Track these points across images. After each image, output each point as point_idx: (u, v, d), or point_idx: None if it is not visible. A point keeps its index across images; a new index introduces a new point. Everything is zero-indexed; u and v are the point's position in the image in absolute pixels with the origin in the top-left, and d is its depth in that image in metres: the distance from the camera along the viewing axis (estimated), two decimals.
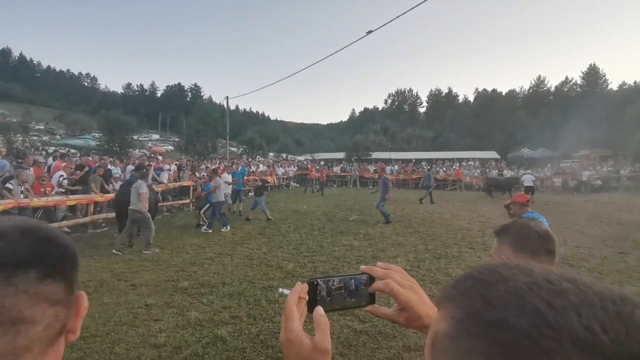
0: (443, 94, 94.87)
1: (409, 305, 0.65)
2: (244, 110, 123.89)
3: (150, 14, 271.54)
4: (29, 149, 22.19)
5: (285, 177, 24.38)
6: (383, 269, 0.69)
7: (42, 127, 49.81)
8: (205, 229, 9.46)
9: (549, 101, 69.96)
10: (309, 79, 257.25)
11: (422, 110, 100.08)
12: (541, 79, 77.22)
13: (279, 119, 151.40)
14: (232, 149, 40.53)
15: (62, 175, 9.79)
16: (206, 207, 10.08)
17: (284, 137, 53.16)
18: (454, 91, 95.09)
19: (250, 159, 30.34)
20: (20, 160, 11.16)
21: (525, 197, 4.43)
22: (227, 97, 30.64)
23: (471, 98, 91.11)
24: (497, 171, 25.99)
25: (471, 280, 0.38)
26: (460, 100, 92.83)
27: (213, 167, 13.40)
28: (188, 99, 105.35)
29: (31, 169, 9.44)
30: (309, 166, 27.37)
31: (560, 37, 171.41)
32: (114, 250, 7.28)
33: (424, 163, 32.10)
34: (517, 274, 0.35)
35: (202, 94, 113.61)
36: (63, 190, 9.42)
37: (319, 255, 7.23)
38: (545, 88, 76.19)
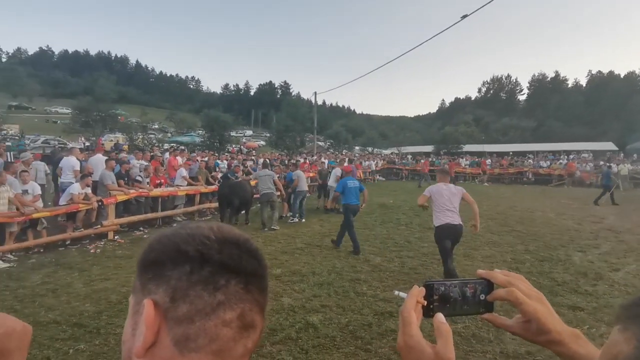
0: (548, 79, 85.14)
1: (536, 318, 0.59)
2: (330, 104, 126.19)
3: (246, 17, 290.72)
4: (147, 145, 25.52)
5: (369, 170, 24.25)
6: (503, 275, 0.63)
7: (156, 126, 56.81)
8: (292, 220, 10.00)
9: None
10: (396, 70, 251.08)
11: (521, 97, 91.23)
12: None
13: (364, 112, 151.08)
14: (319, 143, 41.62)
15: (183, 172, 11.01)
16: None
17: (370, 131, 52.86)
18: (562, 75, 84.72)
19: (336, 153, 30.84)
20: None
21: (350, 168, 8.91)
22: (315, 92, 31.62)
23: (583, 82, 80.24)
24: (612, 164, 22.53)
25: None
26: (569, 85, 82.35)
27: (294, 161, 14.23)
28: (278, 96, 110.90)
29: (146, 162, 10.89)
30: (422, 160, 26.41)
31: None
32: (265, 229, 8.92)
33: (530, 155, 29.14)
34: None
35: (291, 90, 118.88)
36: (186, 183, 10.60)
37: (406, 250, 7.11)
38: None
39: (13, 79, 67.71)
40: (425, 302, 0.60)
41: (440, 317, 0.57)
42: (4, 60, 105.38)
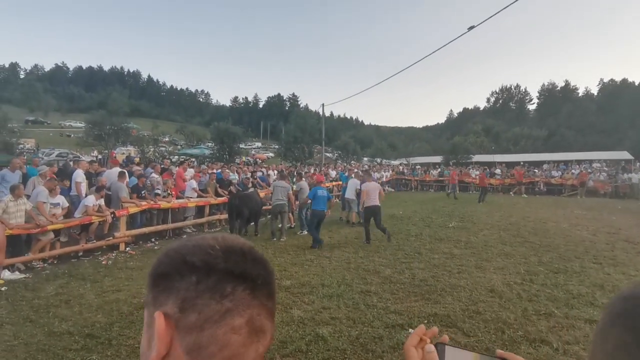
0: (558, 88, 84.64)
1: None
2: (339, 116, 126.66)
3: (254, 32, 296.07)
4: (158, 158, 25.83)
5: (378, 181, 24.15)
6: None
7: (167, 139, 57.51)
8: (301, 232, 9.99)
9: None
10: (404, 81, 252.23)
11: (531, 107, 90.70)
12: None
13: (372, 123, 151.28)
14: (327, 154, 41.72)
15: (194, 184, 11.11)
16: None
17: (378, 141, 52.82)
18: (572, 84, 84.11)
19: (345, 164, 30.84)
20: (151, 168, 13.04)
21: (322, 178, 12.90)
22: (323, 104, 31.83)
23: (594, 90, 79.60)
24: (627, 174, 22.11)
25: (632, 290, 0.46)
26: (580, 94, 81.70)
27: (301, 172, 14.24)
28: (287, 108, 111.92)
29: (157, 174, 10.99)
30: (452, 170, 25.61)
31: None
32: (274, 239, 9.12)
33: (545, 166, 28.67)
34: None
35: (299, 102, 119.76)
36: (196, 195, 10.70)
37: (417, 262, 7.02)
38: None
39: (31, 95, 69.68)
40: (428, 340, 0.61)
41: (429, 347, 0.60)
42: (22, 76, 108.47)
